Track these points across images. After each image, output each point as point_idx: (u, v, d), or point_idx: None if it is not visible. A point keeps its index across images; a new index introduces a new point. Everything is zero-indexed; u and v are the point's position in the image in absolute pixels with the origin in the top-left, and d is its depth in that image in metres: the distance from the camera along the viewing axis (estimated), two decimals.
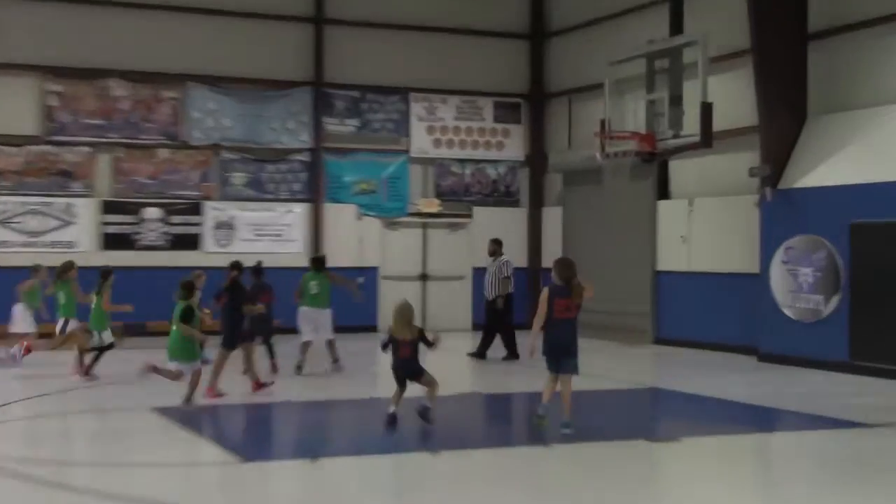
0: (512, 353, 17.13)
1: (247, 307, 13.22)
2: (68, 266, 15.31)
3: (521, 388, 14.02)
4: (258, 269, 15.26)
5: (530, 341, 10.47)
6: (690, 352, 18.59)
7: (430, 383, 10.68)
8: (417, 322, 10.78)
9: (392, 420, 10.50)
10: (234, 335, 13.08)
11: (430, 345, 10.60)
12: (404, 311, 10.61)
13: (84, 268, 16.39)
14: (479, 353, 17.28)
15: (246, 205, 21.48)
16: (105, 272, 14.72)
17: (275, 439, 10.91)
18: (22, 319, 15.94)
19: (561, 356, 10.47)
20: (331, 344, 15.40)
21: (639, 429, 11.00)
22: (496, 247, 17.73)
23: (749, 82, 17.29)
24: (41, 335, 16.15)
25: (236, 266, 13.75)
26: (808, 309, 16.30)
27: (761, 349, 17.11)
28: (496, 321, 17.35)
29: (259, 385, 13.07)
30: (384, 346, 10.67)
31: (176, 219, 21.10)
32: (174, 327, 11.95)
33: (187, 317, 11.85)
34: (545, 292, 10.49)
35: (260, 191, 21.68)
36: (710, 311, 18.74)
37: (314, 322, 15.34)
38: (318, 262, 15.84)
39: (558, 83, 23.26)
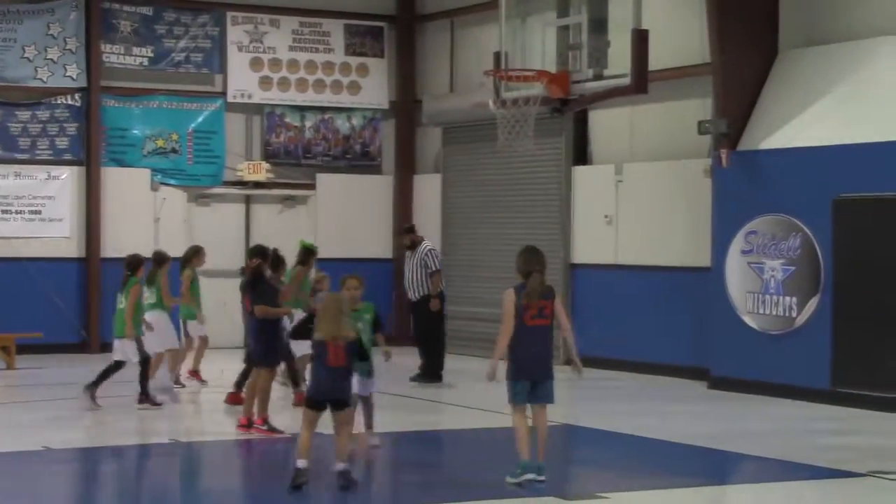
0: (433, 374, 17.58)
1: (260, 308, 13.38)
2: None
3: (431, 425, 14.02)
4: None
5: (493, 361, 10.69)
6: (616, 375, 18.82)
7: (347, 422, 10.69)
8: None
9: (303, 478, 10.38)
10: (276, 347, 13.46)
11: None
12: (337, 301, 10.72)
13: None
14: (428, 374, 17.78)
15: None
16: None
17: None
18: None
19: (539, 378, 10.74)
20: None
21: (548, 482, 11.07)
22: (413, 236, 18.37)
23: (700, 4, 17.55)
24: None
25: (259, 252, 14.02)
26: (776, 317, 16.66)
27: (713, 371, 17.44)
28: (429, 327, 17.89)
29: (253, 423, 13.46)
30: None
31: None
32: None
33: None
34: (509, 294, 10.75)
35: (9, 148, 21.23)
36: (643, 319, 19.01)
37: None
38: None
39: (436, 0, 23.28)
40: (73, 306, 21.31)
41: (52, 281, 21.05)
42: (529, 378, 10.75)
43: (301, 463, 10.37)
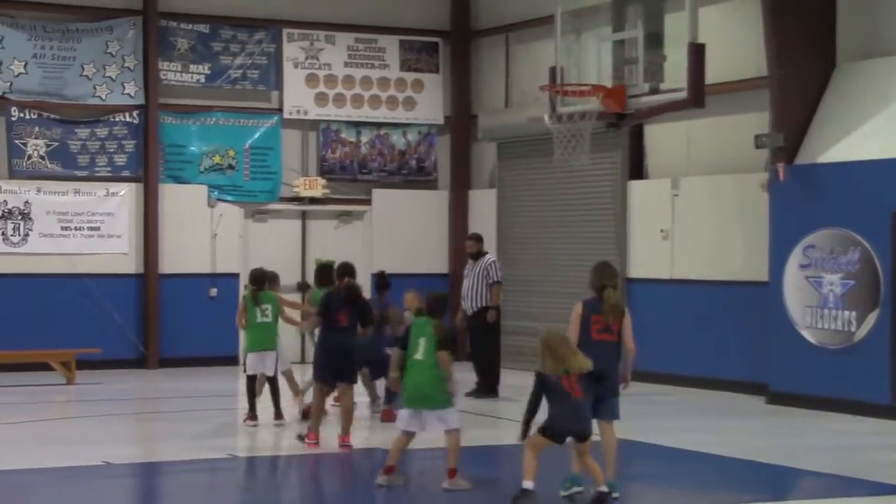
0: (489, 388, 17.63)
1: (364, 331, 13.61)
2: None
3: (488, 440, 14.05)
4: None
5: None
6: (674, 391, 18.76)
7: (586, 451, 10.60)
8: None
9: (528, 499, 10.39)
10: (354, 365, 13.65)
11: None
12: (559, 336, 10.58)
13: None
14: (484, 389, 17.91)
15: (47, 185, 21.19)
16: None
17: None
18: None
19: (602, 393, 10.78)
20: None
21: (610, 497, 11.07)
22: (481, 245, 18.49)
23: (757, 17, 17.51)
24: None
25: (350, 271, 13.97)
26: (835, 331, 16.56)
27: (771, 386, 17.35)
28: (485, 340, 17.87)
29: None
30: (536, 399, 10.47)
31: None
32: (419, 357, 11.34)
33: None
34: (578, 307, 10.91)
35: (68, 165, 21.39)
36: (700, 334, 18.94)
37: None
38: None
39: (491, 15, 23.33)
40: (132, 322, 21.46)
41: (111, 297, 21.21)
42: (593, 393, 10.76)
43: (527, 484, 10.38)
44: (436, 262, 23.25)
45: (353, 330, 13.49)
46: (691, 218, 19.25)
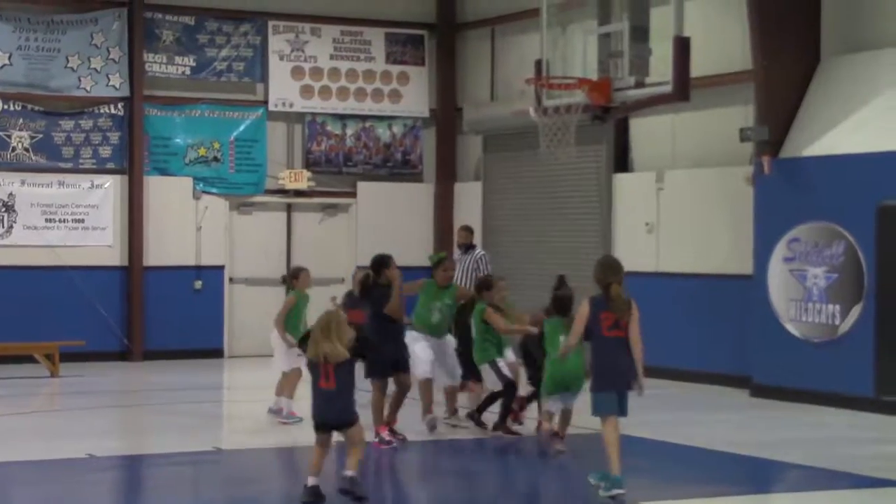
0: (474, 379, 17.60)
1: None
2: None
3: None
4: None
5: (565, 349, 11.53)
6: (658, 384, 18.80)
7: (357, 439, 10.48)
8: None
9: (312, 497, 10.36)
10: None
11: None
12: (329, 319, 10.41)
13: None
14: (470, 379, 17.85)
15: (31, 177, 21.18)
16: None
17: None
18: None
19: (622, 388, 10.94)
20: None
21: (589, 489, 11.10)
22: (471, 236, 18.76)
23: (742, 10, 17.54)
24: None
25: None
26: (819, 324, 16.62)
27: (755, 379, 17.41)
28: (469, 331, 17.89)
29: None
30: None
31: None
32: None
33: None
34: (585, 306, 10.91)
35: (52, 157, 21.37)
36: (685, 327, 19.00)
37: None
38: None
39: (477, 8, 23.35)
40: (116, 314, 21.44)
41: (95, 289, 21.20)
42: (613, 388, 10.85)
43: (311, 480, 10.39)
44: (421, 256, 23.19)
45: (372, 322, 13.40)
46: (676, 211, 19.30)
